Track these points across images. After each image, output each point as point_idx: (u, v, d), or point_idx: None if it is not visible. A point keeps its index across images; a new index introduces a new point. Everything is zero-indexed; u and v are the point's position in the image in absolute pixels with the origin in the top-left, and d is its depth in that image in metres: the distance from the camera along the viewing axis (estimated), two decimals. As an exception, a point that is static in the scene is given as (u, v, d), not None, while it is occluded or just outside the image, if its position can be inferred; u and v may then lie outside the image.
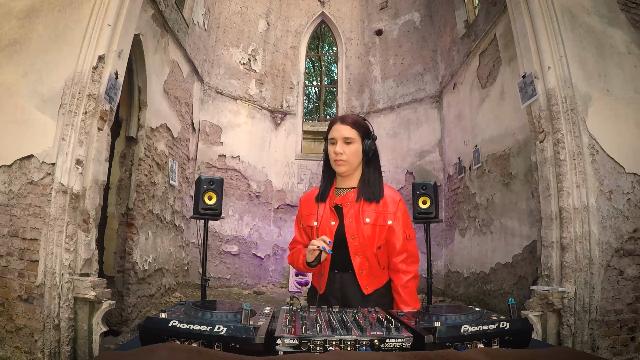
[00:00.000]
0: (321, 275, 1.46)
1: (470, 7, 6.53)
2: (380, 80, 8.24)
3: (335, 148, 1.41)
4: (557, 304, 2.46)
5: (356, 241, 1.41)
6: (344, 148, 1.41)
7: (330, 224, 1.44)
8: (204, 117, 6.89)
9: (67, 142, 2.50)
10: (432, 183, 2.17)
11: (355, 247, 1.41)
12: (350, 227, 1.41)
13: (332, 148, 1.43)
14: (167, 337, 0.84)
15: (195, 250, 6.41)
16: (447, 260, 6.69)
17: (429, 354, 0.77)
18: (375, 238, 1.42)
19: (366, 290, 1.42)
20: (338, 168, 1.43)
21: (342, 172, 1.45)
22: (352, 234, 1.41)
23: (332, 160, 1.44)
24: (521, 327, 0.94)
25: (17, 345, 2.38)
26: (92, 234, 2.58)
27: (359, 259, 1.41)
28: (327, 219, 1.44)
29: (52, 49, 2.65)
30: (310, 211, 1.50)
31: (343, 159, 1.41)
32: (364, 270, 1.42)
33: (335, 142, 1.42)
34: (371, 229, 1.41)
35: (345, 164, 1.42)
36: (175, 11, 5.38)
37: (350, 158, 1.41)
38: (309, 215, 1.50)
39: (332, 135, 1.43)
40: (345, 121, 1.43)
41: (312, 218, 1.47)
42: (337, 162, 1.42)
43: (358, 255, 1.41)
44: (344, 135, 1.41)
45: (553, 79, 2.74)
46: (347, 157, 1.41)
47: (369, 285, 1.43)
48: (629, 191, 2.68)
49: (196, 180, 2.20)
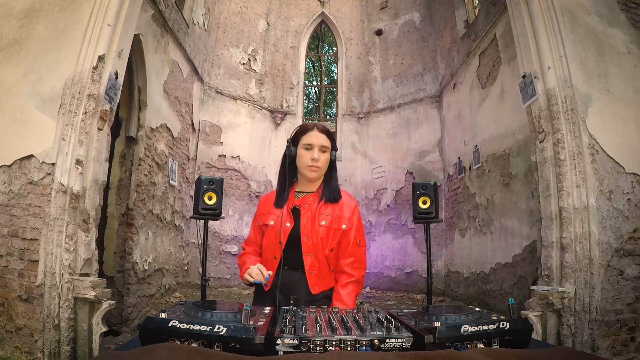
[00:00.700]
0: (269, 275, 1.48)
1: (470, 7, 6.53)
2: (380, 80, 8.24)
3: (313, 154, 1.46)
4: (557, 304, 2.46)
5: (309, 241, 1.45)
6: (320, 156, 1.46)
7: (285, 225, 1.47)
8: (204, 117, 6.89)
9: (67, 142, 2.50)
10: (432, 183, 2.17)
11: (307, 247, 1.46)
12: (306, 227, 1.46)
13: (308, 154, 1.47)
14: (167, 337, 0.84)
15: (195, 250, 6.41)
16: (447, 260, 6.69)
17: (429, 354, 0.77)
18: (329, 240, 1.47)
19: (314, 290, 1.47)
20: (312, 174, 1.47)
21: (315, 177, 1.49)
22: (307, 234, 1.46)
23: (304, 166, 1.48)
24: (521, 327, 0.94)
25: (17, 345, 2.38)
26: (92, 234, 2.58)
27: (310, 259, 1.46)
28: (283, 220, 1.48)
29: (52, 49, 2.65)
30: (267, 211, 1.54)
31: (318, 166, 1.46)
32: (313, 271, 1.47)
33: (311, 148, 1.47)
34: (325, 231, 1.47)
35: (319, 170, 1.47)
36: (175, 11, 5.38)
37: (323, 165, 1.48)
38: (266, 214, 1.53)
39: (310, 141, 1.47)
40: (321, 130, 1.49)
41: (269, 217, 1.52)
42: (312, 167, 1.46)
43: (310, 255, 1.46)
44: (321, 143, 1.47)
45: (553, 79, 2.74)
46: (321, 164, 1.47)
47: (316, 286, 1.47)
48: (629, 191, 2.68)
49: (196, 180, 2.20)
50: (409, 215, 6.92)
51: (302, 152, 1.48)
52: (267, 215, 1.53)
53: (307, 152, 1.47)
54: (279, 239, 1.45)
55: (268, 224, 1.51)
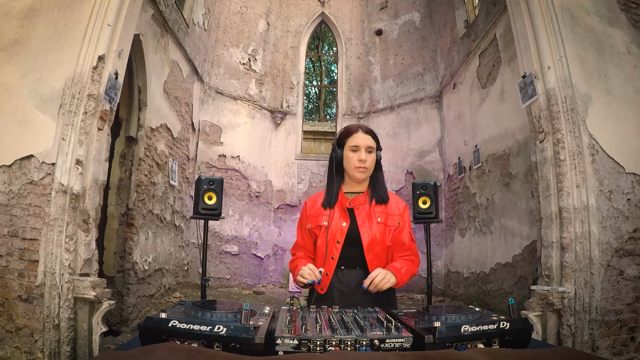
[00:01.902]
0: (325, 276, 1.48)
1: (470, 7, 6.53)
2: (380, 80, 8.24)
3: (361, 156, 1.47)
4: (557, 304, 2.46)
5: (368, 238, 1.47)
6: (368, 156, 1.48)
7: (341, 224, 1.49)
8: (204, 117, 6.89)
9: (67, 142, 2.50)
10: (432, 183, 2.17)
11: (367, 243, 1.47)
12: (364, 225, 1.48)
13: (355, 155, 1.48)
14: (167, 337, 0.84)
15: (195, 250, 6.41)
16: (447, 260, 6.69)
17: (429, 354, 0.77)
18: (385, 237, 1.49)
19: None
20: (360, 175, 1.49)
21: (363, 178, 1.51)
22: (366, 231, 1.48)
23: (352, 167, 1.49)
24: (521, 327, 0.94)
25: (17, 345, 2.38)
26: (92, 234, 2.58)
27: (371, 255, 1.48)
28: (338, 219, 1.50)
29: (52, 49, 2.65)
30: (318, 212, 1.54)
31: (366, 167, 1.48)
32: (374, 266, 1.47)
33: (357, 150, 1.48)
34: (382, 228, 1.49)
35: (366, 171, 1.49)
36: (175, 11, 5.38)
37: (370, 166, 1.50)
38: (318, 215, 1.53)
39: (356, 142, 1.49)
40: (366, 131, 1.51)
41: (321, 218, 1.51)
42: (360, 169, 1.48)
43: (370, 251, 1.47)
44: (368, 144, 1.49)
45: (553, 79, 2.74)
46: (369, 164, 1.49)
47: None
48: (629, 191, 2.68)
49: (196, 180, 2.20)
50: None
51: (349, 154, 1.50)
52: (319, 216, 1.53)
53: (354, 154, 1.48)
54: (336, 239, 1.46)
55: (321, 225, 1.51)
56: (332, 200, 1.52)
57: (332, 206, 1.51)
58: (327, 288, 1.47)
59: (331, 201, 1.52)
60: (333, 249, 1.47)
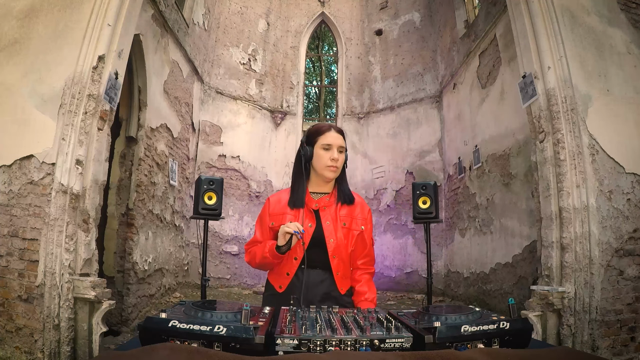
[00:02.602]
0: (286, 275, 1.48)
1: (470, 7, 6.53)
2: (380, 80, 8.24)
3: (333, 155, 1.46)
4: (557, 304, 2.46)
5: (334, 243, 1.47)
6: (340, 156, 1.48)
7: (307, 225, 1.48)
8: (204, 117, 6.88)
9: (67, 142, 2.50)
10: (432, 183, 2.17)
11: (333, 249, 1.47)
12: (329, 229, 1.48)
13: (327, 154, 1.47)
14: (167, 337, 0.84)
15: (195, 250, 6.41)
16: (447, 260, 6.69)
17: (429, 354, 0.77)
18: (349, 241, 1.50)
19: (342, 290, 1.49)
20: (331, 174, 1.48)
21: (332, 178, 1.50)
22: (331, 236, 1.47)
23: (323, 166, 1.47)
24: (521, 327, 0.94)
25: (17, 345, 2.38)
26: (92, 234, 2.58)
27: (336, 260, 1.48)
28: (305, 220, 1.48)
29: (52, 49, 2.65)
30: (282, 211, 1.52)
31: (337, 166, 1.47)
32: (339, 272, 1.49)
33: (330, 149, 1.47)
34: (347, 232, 1.50)
35: (337, 170, 1.49)
36: (175, 11, 5.38)
37: (340, 166, 1.49)
38: (282, 214, 1.51)
39: (328, 141, 1.47)
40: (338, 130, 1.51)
41: (286, 217, 1.49)
42: (331, 167, 1.47)
43: (335, 257, 1.47)
44: (340, 144, 1.48)
45: (553, 79, 2.74)
46: (339, 164, 1.48)
47: (343, 286, 1.50)
48: (629, 191, 2.68)
49: (196, 180, 2.20)
50: (409, 215, 6.92)
51: (320, 153, 1.48)
52: (283, 215, 1.50)
53: (326, 153, 1.47)
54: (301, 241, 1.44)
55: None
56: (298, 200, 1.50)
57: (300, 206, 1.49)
58: (285, 287, 1.46)
59: (297, 201, 1.50)
60: (297, 249, 1.45)
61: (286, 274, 1.48)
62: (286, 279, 1.47)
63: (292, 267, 1.47)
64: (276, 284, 1.51)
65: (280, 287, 1.48)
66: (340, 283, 1.49)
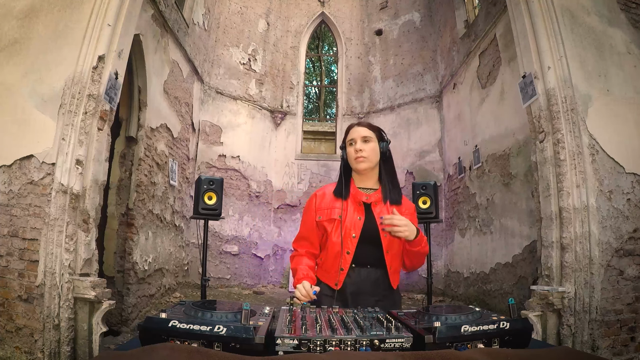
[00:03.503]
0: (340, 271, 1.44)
1: (470, 7, 6.53)
2: (380, 80, 8.24)
3: (356, 146, 1.46)
4: (557, 304, 2.46)
5: (389, 237, 1.44)
6: (363, 146, 1.46)
7: (357, 218, 1.46)
8: (204, 117, 6.89)
9: (67, 142, 2.49)
10: (432, 183, 2.17)
11: (387, 243, 1.44)
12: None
13: (351, 148, 1.48)
14: (167, 337, 0.84)
15: (195, 250, 6.41)
16: (447, 260, 6.69)
17: (429, 354, 0.77)
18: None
19: (394, 284, 1.48)
20: (359, 165, 1.46)
21: (363, 168, 1.47)
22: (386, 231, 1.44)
23: (352, 159, 1.48)
24: (521, 327, 0.95)
25: (17, 345, 2.38)
26: (92, 234, 2.58)
27: (390, 255, 1.45)
28: (352, 212, 1.46)
29: (52, 49, 2.65)
30: (330, 205, 1.50)
31: (364, 156, 1.45)
32: (393, 267, 1.47)
33: (354, 143, 1.48)
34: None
35: (365, 160, 1.46)
36: (175, 11, 5.38)
37: (369, 155, 1.46)
38: (330, 208, 1.49)
39: (351, 136, 1.49)
40: (361, 124, 1.52)
41: (334, 211, 1.48)
42: (358, 159, 1.45)
43: (390, 251, 1.45)
44: (362, 134, 1.47)
45: (553, 79, 2.74)
46: (367, 153, 1.45)
47: (395, 281, 1.48)
48: (629, 191, 2.68)
49: (196, 180, 2.20)
50: (409, 215, 6.90)
51: (348, 150, 1.50)
52: (331, 209, 1.48)
53: (351, 147, 1.49)
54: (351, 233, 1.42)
55: (334, 218, 1.46)
56: (343, 190, 1.49)
57: (345, 198, 1.48)
58: (341, 284, 1.44)
59: (342, 192, 1.48)
60: (348, 242, 1.43)
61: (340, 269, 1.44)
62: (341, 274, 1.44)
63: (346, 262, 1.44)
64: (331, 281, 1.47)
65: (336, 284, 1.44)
66: (393, 278, 1.47)
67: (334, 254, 1.45)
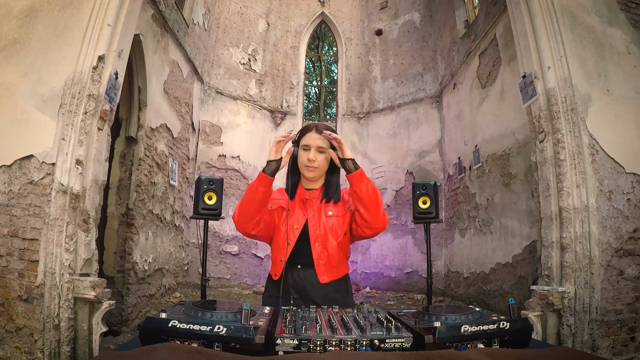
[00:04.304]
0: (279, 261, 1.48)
1: (470, 7, 6.53)
2: (380, 80, 8.24)
3: (309, 155, 1.48)
4: (557, 304, 2.46)
5: (317, 231, 1.48)
6: (317, 156, 1.48)
7: (301, 214, 1.51)
8: (204, 117, 6.88)
9: (67, 142, 2.50)
10: (432, 183, 2.17)
11: (315, 236, 1.48)
12: (313, 219, 1.50)
13: (305, 154, 1.49)
14: (167, 337, 0.84)
15: (195, 250, 6.41)
16: (447, 260, 6.69)
17: (429, 354, 0.77)
18: (340, 227, 1.50)
19: (323, 279, 1.48)
20: (308, 173, 1.50)
21: (312, 177, 1.52)
22: (314, 225, 1.49)
23: (302, 165, 1.50)
24: (521, 327, 0.94)
25: (17, 345, 2.38)
26: (92, 234, 2.58)
27: (318, 249, 1.48)
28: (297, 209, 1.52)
29: (52, 49, 2.65)
30: (280, 197, 1.56)
31: (315, 166, 1.48)
32: (322, 260, 1.48)
33: (308, 149, 1.49)
34: (335, 220, 1.51)
35: (315, 170, 1.50)
36: (175, 11, 5.38)
37: (320, 165, 1.49)
38: (281, 199, 1.55)
39: (307, 142, 1.49)
40: (320, 130, 1.49)
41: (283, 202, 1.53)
42: (309, 167, 1.49)
43: (318, 244, 1.48)
44: (317, 144, 1.48)
45: (553, 79, 2.74)
46: (318, 164, 1.49)
47: (325, 275, 1.49)
48: (629, 191, 2.68)
49: (196, 180, 2.20)
50: (409, 215, 6.91)
51: (300, 153, 1.51)
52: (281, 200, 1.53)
53: (304, 153, 1.50)
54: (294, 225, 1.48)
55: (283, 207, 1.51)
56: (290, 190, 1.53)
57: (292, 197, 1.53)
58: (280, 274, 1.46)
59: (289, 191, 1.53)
60: (291, 234, 1.48)
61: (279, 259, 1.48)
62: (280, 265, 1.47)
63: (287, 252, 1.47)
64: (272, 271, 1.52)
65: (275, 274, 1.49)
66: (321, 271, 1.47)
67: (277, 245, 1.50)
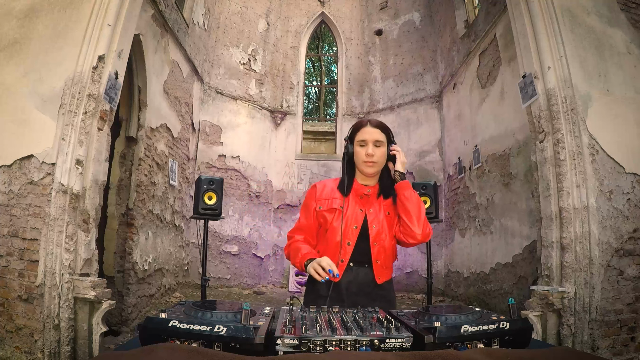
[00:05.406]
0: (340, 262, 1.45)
1: (470, 7, 6.53)
2: (380, 80, 8.24)
3: (367, 150, 1.44)
4: (557, 304, 2.46)
5: (377, 229, 1.46)
6: (375, 150, 1.45)
7: (358, 210, 1.47)
8: (204, 117, 6.88)
9: (67, 142, 2.50)
10: (432, 183, 2.17)
11: (374, 235, 1.46)
12: (372, 216, 1.47)
13: (362, 150, 1.46)
14: (167, 337, 0.84)
15: (195, 250, 6.41)
16: (447, 260, 6.69)
17: (429, 354, 0.77)
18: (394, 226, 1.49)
19: (379, 279, 1.47)
20: (368, 169, 1.46)
21: (372, 173, 1.47)
22: (374, 223, 1.46)
23: (360, 161, 1.47)
24: (521, 327, 0.94)
25: (17, 345, 2.38)
26: (92, 234, 2.58)
27: (377, 248, 1.46)
28: (354, 205, 1.48)
29: (52, 49, 2.65)
30: (331, 195, 1.51)
31: (374, 161, 1.44)
32: (379, 260, 1.47)
33: (365, 144, 1.46)
34: (392, 219, 1.49)
35: (375, 165, 1.45)
36: (175, 11, 5.38)
37: (379, 160, 1.46)
38: (331, 199, 1.50)
39: (363, 137, 1.46)
40: (375, 124, 1.48)
41: (335, 202, 1.48)
42: (368, 163, 1.45)
43: (377, 244, 1.46)
44: (375, 138, 1.45)
45: (553, 79, 2.74)
46: (377, 158, 1.45)
47: (381, 276, 1.48)
48: (629, 191, 2.68)
49: (196, 180, 2.20)
50: (409, 215, 6.90)
51: (357, 149, 1.48)
52: (332, 199, 1.49)
53: (362, 149, 1.46)
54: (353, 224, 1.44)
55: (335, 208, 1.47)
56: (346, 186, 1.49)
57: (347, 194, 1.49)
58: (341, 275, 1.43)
59: (345, 188, 1.49)
60: (349, 233, 1.44)
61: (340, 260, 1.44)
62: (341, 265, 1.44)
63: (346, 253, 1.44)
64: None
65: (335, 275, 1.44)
66: (378, 272, 1.46)
67: (333, 245, 1.45)
